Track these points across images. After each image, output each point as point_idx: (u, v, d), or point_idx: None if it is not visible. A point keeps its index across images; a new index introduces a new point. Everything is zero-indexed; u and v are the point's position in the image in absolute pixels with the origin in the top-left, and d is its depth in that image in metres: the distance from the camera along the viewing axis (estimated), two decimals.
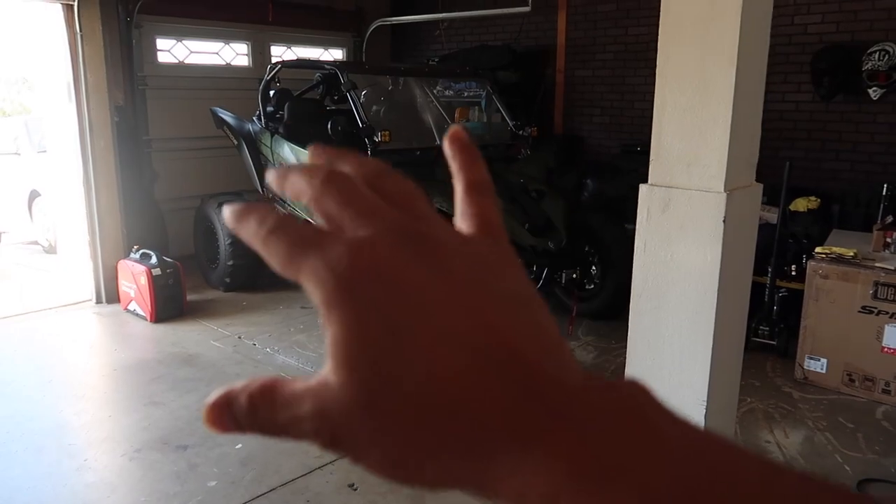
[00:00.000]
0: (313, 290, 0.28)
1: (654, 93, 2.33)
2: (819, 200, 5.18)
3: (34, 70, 6.34)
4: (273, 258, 0.29)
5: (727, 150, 2.18)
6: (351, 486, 3.09)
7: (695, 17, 2.20)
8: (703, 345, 2.28)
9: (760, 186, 2.46)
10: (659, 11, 2.28)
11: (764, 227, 5.17)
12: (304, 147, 5.28)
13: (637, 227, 2.41)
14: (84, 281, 5.86)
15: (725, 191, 2.19)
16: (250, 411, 0.29)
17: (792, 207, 5.17)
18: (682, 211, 2.29)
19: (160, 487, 3.09)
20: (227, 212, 0.31)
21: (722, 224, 2.19)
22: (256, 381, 0.30)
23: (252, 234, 0.30)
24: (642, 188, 2.38)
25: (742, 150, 2.28)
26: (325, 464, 3.26)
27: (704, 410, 2.31)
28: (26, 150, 7.82)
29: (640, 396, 0.28)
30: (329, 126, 4.78)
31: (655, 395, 0.28)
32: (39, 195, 7.67)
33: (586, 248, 5.12)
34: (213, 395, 0.30)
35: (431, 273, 0.28)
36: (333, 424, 0.28)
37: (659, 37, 2.32)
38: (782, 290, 4.73)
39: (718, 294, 2.23)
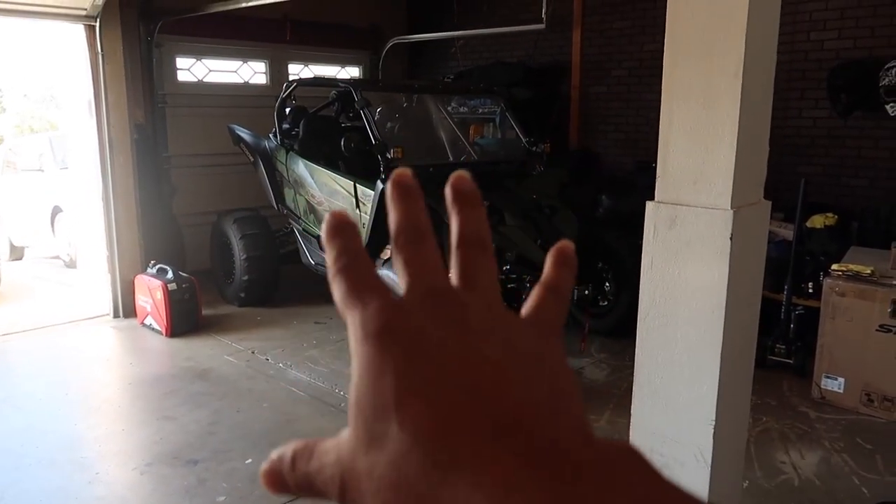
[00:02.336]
0: (350, 335, 0.32)
1: None
2: (836, 217, 5.11)
3: (59, 88, 6.48)
4: (334, 292, 0.33)
5: (733, 167, 2.16)
6: None
7: (700, 32, 2.19)
8: (712, 363, 2.25)
9: (769, 204, 2.43)
10: None
11: (780, 244, 5.14)
12: (318, 164, 5.33)
13: (644, 244, 2.39)
14: (102, 295, 5.95)
15: (732, 208, 2.17)
16: (292, 466, 0.32)
17: (809, 224, 5.11)
18: (688, 228, 2.27)
19: (170, 502, 3.11)
20: (325, 224, 0.34)
21: (729, 241, 2.17)
22: (300, 441, 0.33)
23: (329, 262, 0.33)
24: (649, 205, 2.36)
25: (749, 166, 2.26)
26: None
27: (713, 430, 2.27)
28: (50, 166, 7.98)
29: (634, 466, 0.29)
30: (342, 143, 4.82)
31: (650, 463, 0.29)
32: (62, 211, 7.81)
33: (600, 265, 5.09)
34: (267, 461, 0.33)
35: (453, 340, 0.31)
36: (343, 469, 0.30)
37: (664, 53, 2.31)
38: (799, 307, 4.67)
39: (726, 312, 2.20)
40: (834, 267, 4.16)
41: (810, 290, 4.77)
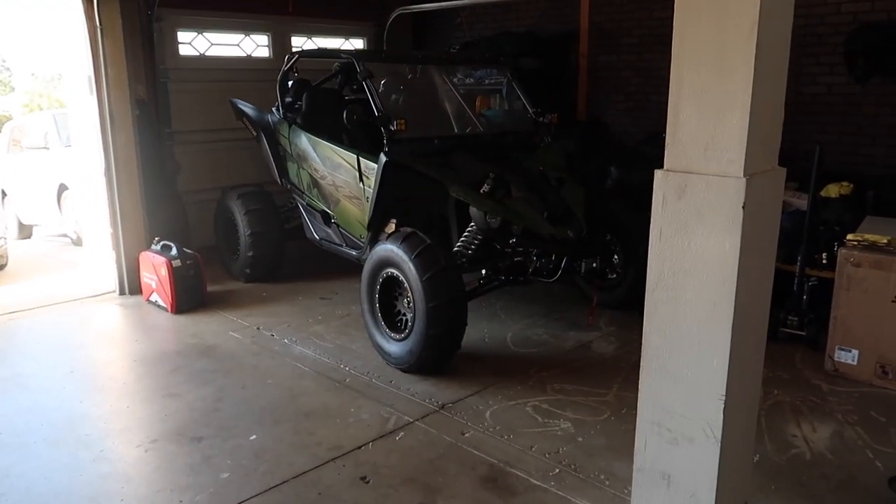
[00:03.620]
0: None
1: None
2: (852, 186, 4.98)
3: (62, 65, 6.40)
4: None
5: (746, 133, 2.06)
6: (363, 478, 3.05)
7: None
8: (722, 338, 2.17)
9: (783, 171, 2.33)
10: None
11: (793, 214, 5.02)
12: (321, 137, 5.24)
13: (652, 214, 2.30)
14: (108, 273, 5.93)
15: (745, 175, 2.07)
16: None
17: (823, 193, 4.99)
18: (699, 197, 2.18)
19: (174, 479, 3.09)
20: None
21: (741, 211, 2.08)
22: None
23: None
24: (657, 174, 2.27)
25: (763, 132, 2.16)
26: (338, 456, 3.23)
27: (723, 406, 2.21)
28: (55, 144, 7.93)
29: None
30: (345, 116, 4.72)
31: None
32: (67, 188, 7.78)
33: (608, 237, 5.00)
34: None
35: None
36: None
37: (674, 14, 2.20)
38: (812, 279, 4.57)
39: (738, 284, 2.12)
40: (849, 237, 4.05)
41: (824, 261, 4.67)
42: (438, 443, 3.34)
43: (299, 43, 7.99)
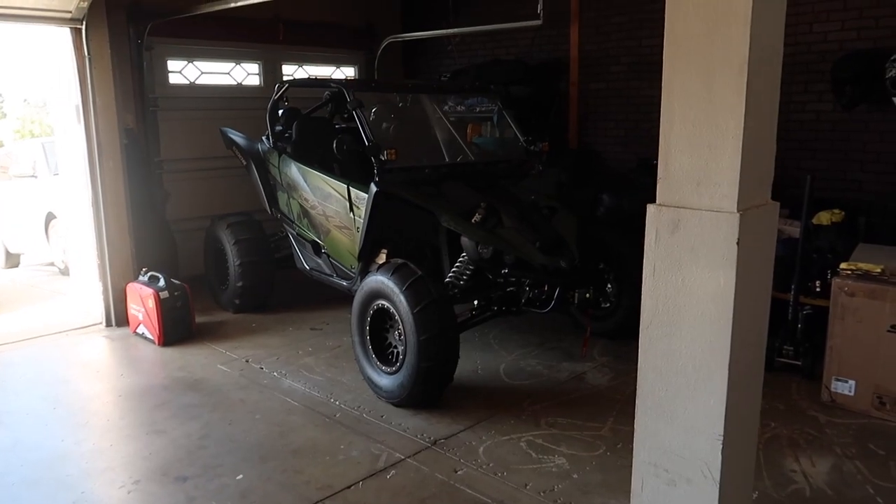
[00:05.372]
0: None
1: None
2: (843, 213, 4.98)
3: (50, 93, 6.38)
4: None
5: (739, 168, 2.04)
6: None
7: (701, 25, 2.06)
8: (719, 376, 2.12)
9: (777, 205, 2.30)
10: None
11: (786, 242, 5.01)
12: (311, 166, 5.21)
13: (645, 250, 2.27)
14: (94, 304, 5.84)
15: (738, 210, 2.05)
16: None
17: (815, 221, 4.98)
18: (692, 232, 2.15)
19: None
20: None
21: (735, 246, 2.05)
22: None
23: None
24: (650, 208, 2.24)
25: (755, 166, 2.14)
26: (327, 496, 3.14)
27: (721, 445, 2.15)
28: (43, 172, 7.87)
29: None
30: (335, 145, 4.69)
31: None
32: (55, 217, 7.70)
33: (601, 266, 4.97)
34: None
35: None
36: None
37: (664, 46, 2.19)
38: (807, 307, 4.54)
39: (734, 322, 2.08)
40: (843, 266, 4.03)
41: (818, 289, 4.65)
42: (430, 481, 3.26)
43: (290, 71, 8.00)
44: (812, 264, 4.73)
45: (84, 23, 5.27)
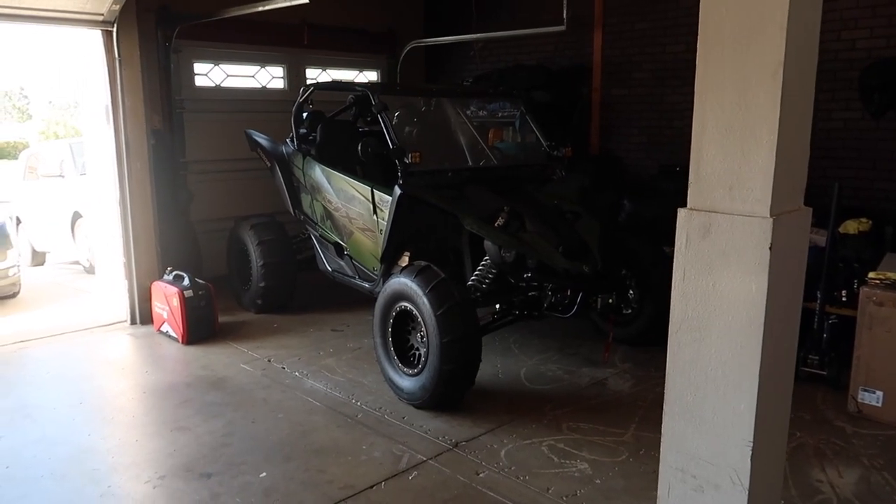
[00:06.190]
0: None
1: (692, 111, 2.19)
2: (870, 222, 4.92)
3: (79, 94, 6.49)
4: None
5: (772, 172, 2.03)
6: None
7: (735, 30, 2.06)
8: (749, 382, 2.11)
9: (810, 210, 2.29)
10: (696, 28, 2.15)
11: (812, 251, 4.93)
12: (335, 169, 5.25)
13: (675, 254, 2.26)
14: (119, 302, 5.92)
15: (771, 216, 2.04)
16: None
17: (841, 230, 4.92)
18: (724, 237, 2.14)
19: None
20: None
21: (768, 252, 2.03)
22: None
23: None
24: (681, 212, 2.23)
25: (789, 171, 2.12)
26: (349, 496, 3.15)
27: (750, 452, 2.13)
28: (70, 172, 8.00)
29: None
30: (359, 148, 4.73)
31: None
32: (81, 216, 7.82)
33: (623, 272, 4.95)
34: None
35: None
36: None
37: (697, 52, 2.18)
38: (832, 316, 4.49)
39: (765, 327, 2.06)
40: (871, 275, 3.98)
41: (844, 299, 4.59)
42: (452, 483, 3.26)
43: (314, 75, 8.07)
44: (838, 273, 4.67)
45: (115, 25, 5.37)
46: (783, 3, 1.96)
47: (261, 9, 5.59)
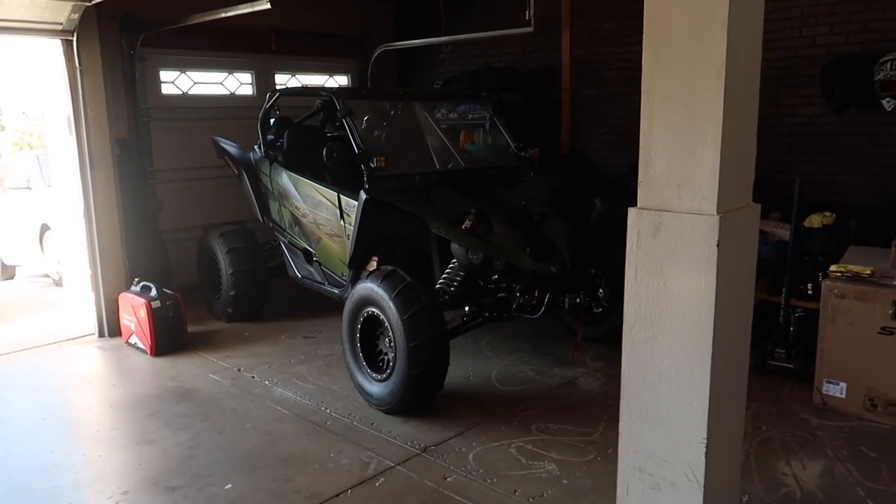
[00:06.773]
0: None
1: None
2: (834, 216, 4.98)
3: (44, 104, 6.40)
4: None
5: (718, 170, 2.04)
6: None
7: (680, 32, 2.07)
8: (701, 379, 2.12)
9: (758, 207, 2.31)
10: None
11: (778, 245, 5.01)
12: (302, 175, 5.21)
13: (627, 253, 2.27)
14: (87, 315, 5.83)
15: (718, 213, 2.05)
16: None
17: (806, 224, 4.99)
18: (673, 235, 2.15)
19: None
20: None
21: (716, 249, 2.05)
22: None
23: None
24: (631, 212, 2.24)
25: (735, 169, 2.14)
26: None
27: (704, 449, 2.14)
28: (37, 184, 7.88)
29: None
30: (324, 153, 4.70)
31: None
32: (49, 228, 7.70)
33: (592, 271, 4.96)
34: None
35: None
36: None
37: (643, 54, 2.20)
38: (798, 310, 4.54)
39: (715, 324, 2.07)
40: (833, 268, 4.03)
41: (809, 292, 4.64)
42: (420, 489, 3.25)
43: (283, 80, 8.02)
44: (803, 267, 4.73)
45: (75, 34, 5.29)
46: (723, 4, 1.97)
47: (223, 15, 5.53)
